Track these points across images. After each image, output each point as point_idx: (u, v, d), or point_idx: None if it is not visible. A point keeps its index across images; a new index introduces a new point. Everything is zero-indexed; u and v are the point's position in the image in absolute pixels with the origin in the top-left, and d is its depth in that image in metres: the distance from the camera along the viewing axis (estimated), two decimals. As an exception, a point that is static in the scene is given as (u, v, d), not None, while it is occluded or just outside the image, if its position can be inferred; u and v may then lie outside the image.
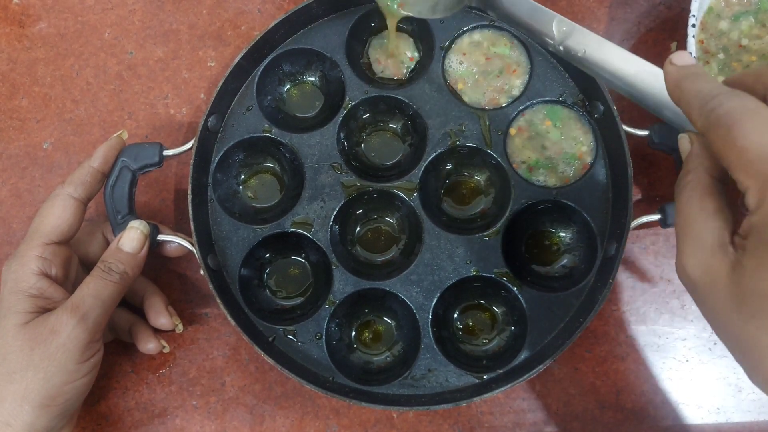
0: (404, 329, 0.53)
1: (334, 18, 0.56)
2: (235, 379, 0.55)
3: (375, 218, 0.56)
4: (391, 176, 0.54)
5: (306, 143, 0.54)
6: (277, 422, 0.54)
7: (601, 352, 0.54)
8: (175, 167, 0.59)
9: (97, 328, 0.45)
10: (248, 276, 0.54)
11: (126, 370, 0.55)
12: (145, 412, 0.54)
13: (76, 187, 0.48)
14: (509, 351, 0.52)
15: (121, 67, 0.61)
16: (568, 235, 0.54)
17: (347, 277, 0.52)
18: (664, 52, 0.59)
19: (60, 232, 0.47)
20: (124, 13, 0.62)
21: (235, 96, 0.55)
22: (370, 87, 0.55)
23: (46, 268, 0.46)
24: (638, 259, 0.56)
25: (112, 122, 0.60)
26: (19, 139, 0.60)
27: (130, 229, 0.49)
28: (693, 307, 0.55)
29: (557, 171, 0.54)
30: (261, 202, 0.56)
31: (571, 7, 0.60)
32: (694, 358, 0.54)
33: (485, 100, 0.55)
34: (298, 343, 0.52)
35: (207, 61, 0.61)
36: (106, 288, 0.46)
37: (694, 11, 0.50)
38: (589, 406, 0.54)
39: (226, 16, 0.61)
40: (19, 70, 0.61)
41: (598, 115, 0.53)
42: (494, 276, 0.52)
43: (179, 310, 0.55)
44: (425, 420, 0.53)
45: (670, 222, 0.50)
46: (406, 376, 0.51)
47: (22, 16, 0.62)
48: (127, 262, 0.48)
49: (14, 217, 0.58)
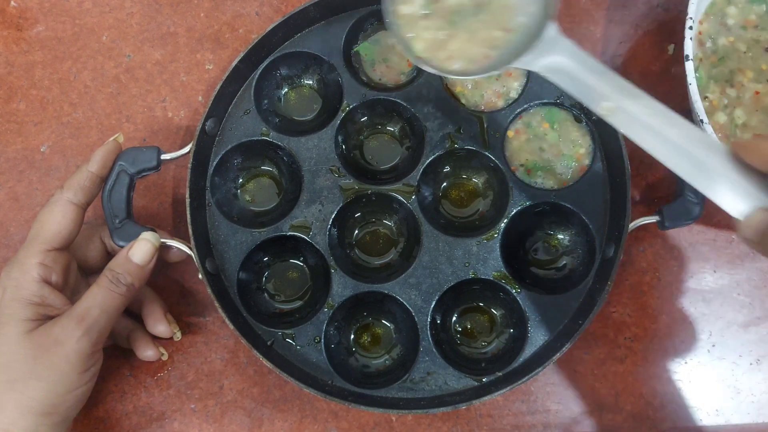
0: (403, 332, 0.53)
1: (332, 21, 0.56)
2: (234, 382, 0.55)
3: (373, 221, 0.56)
4: (389, 179, 0.54)
5: (304, 146, 0.54)
6: (275, 425, 0.54)
7: (600, 354, 0.54)
8: (173, 171, 0.59)
9: (100, 339, 0.45)
10: (247, 280, 0.53)
11: (124, 374, 0.55)
12: (143, 416, 0.54)
13: (75, 192, 0.48)
14: (508, 353, 0.52)
15: (118, 70, 0.61)
16: (566, 237, 0.54)
17: (346, 280, 0.52)
18: (662, 54, 0.59)
19: (60, 238, 0.47)
20: (122, 16, 0.62)
21: (233, 99, 0.55)
22: (367, 90, 0.55)
23: (47, 275, 0.46)
24: (637, 261, 0.56)
25: (109, 125, 0.60)
26: (16, 143, 0.60)
27: (141, 240, 0.48)
28: (691, 308, 0.55)
29: (555, 173, 0.54)
30: (259, 205, 0.56)
31: (568, 9, 0.60)
32: (693, 360, 0.54)
33: (483, 103, 0.55)
34: (296, 346, 0.52)
35: (205, 64, 0.61)
36: (113, 300, 0.46)
37: (691, 14, 0.50)
38: (588, 408, 0.54)
39: (223, 19, 0.61)
40: (17, 74, 0.61)
41: (595, 117, 0.53)
42: (493, 278, 0.52)
43: (177, 313, 0.55)
44: (424, 423, 0.53)
45: (668, 224, 0.50)
46: (405, 379, 0.50)
47: (19, 20, 0.62)
48: (135, 275, 0.47)
49: (12, 221, 0.58)
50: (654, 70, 0.59)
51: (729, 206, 0.36)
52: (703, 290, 0.55)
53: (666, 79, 0.58)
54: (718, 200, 0.36)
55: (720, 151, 0.36)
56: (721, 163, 0.36)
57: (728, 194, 0.36)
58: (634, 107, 0.38)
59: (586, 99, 0.40)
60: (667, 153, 0.38)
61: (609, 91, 0.39)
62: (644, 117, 0.38)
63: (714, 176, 0.36)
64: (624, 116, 0.39)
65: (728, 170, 0.36)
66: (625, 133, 0.39)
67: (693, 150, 0.37)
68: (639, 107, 0.38)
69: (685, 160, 0.37)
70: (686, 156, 0.37)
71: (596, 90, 0.40)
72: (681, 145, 0.37)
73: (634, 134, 0.38)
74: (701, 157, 0.37)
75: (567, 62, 0.41)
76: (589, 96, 0.40)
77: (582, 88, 0.40)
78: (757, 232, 0.35)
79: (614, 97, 0.39)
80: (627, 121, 0.39)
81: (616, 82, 0.39)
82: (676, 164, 0.37)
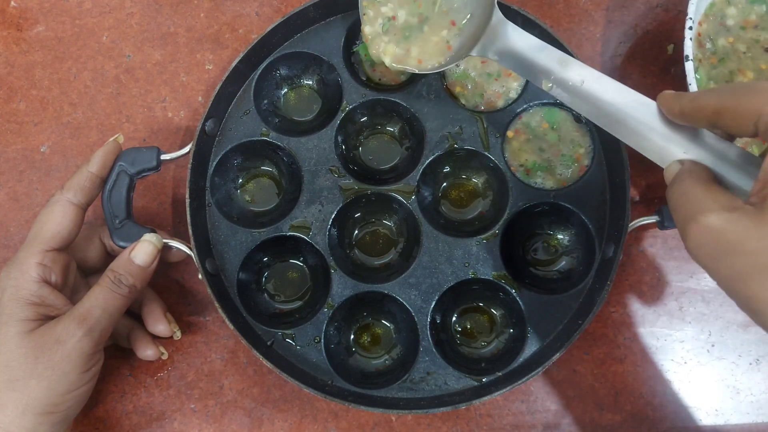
0: (403, 332, 0.53)
1: (332, 21, 0.56)
2: (234, 382, 0.55)
3: (373, 221, 0.56)
4: (389, 179, 0.54)
5: (304, 147, 0.54)
6: (275, 425, 0.54)
7: (599, 354, 0.54)
8: (173, 171, 0.59)
9: (101, 339, 0.45)
10: (246, 280, 0.54)
11: (124, 373, 0.55)
12: (143, 416, 0.54)
13: (75, 193, 0.48)
14: (508, 353, 0.52)
15: (118, 71, 0.61)
16: (566, 237, 0.54)
17: (346, 280, 0.52)
18: (661, 54, 0.59)
19: (60, 238, 0.47)
20: (122, 16, 0.62)
21: (233, 99, 0.55)
22: (367, 90, 0.55)
23: (47, 275, 0.46)
24: (636, 261, 0.56)
25: (109, 125, 0.60)
26: (16, 143, 0.60)
27: (144, 242, 0.48)
28: (691, 309, 0.55)
29: (555, 173, 0.54)
30: (259, 205, 0.56)
31: (568, 9, 0.60)
32: (693, 360, 0.54)
33: (483, 103, 0.55)
34: (296, 346, 0.52)
35: (205, 64, 0.61)
36: (115, 301, 0.46)
37: (691, 14, 0.50)
38: (588, 408, 0.54)
39: (223, 19, 0.61)
40: (17, 74, 0.61)
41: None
42: (492, 278, 0.52)
43: (177, 313, 0.55)
44: (424, 423, 0.53)
45: (667, 224, 0.50)
46: (405, 379, 0.51)
47: (19, 20, 0.62)
48: (137, 276, 0.47)
49: (12, 221, 0.58)
50: (654, 70, 0.59)
51: (657, 160, 0.38)
52: (703, 290, 0.55)
53: (666, 80, 0.58)
54: (649, 155, 0.38)
55: (650, 107, 0.38)
56: (651, 119, 0.38)
57: (656, 149, 0.38)
58: (571, 75, 0.41)
59: (532, 78, 0.43)
60: (605, 117, 0.40)
61: (548, 64, 0.42)
62: (581, 85, 0.41)
63: (645, 132, 0.38)
64: (563, 88, 0.41)
65: (657, 125, 0.38)
66: (568, 104, 0.42)
67: (627, 110, 0.39)
68: (576, 75, 0.41)
69: (621, 122, 0.39)
70: (621, 117, 0.39)
71: (539, 66, 0.43)
72: (617, 107, 0.39)
73: (575, 104, 0.41)
74: (634, 115, 0.38)
75: (512, 44, 0.44)
76: (534, 74, 0.43)
77: (528, 68, 0.43)
78: (667, 182, 0.37)
79: (554, 68, 0.42)
80: (566, 92, 0.41)
81: (553, 54, 0.42)
82: (613, 127, 0.40)
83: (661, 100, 0.37)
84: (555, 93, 0.42)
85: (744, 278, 0.31)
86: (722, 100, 0.34)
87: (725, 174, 0.35)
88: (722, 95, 0.34)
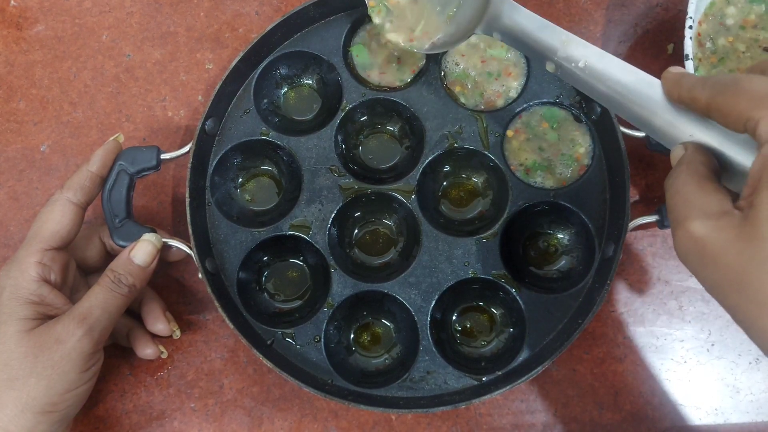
0: (403, 332, 0.53)
1: (332, 21, 0.56)
2: (234, 381, 0.55)
3: (373, 221, 0.56)
4: (388, 179, 0.54)
5: (304, 146, 0.54)
6: (275, 425, 0.54)
7: (599, 354, 0.54)
8: (173, 170, 0.59)
9: (101, 338, 0.45)
10: (246, 279, 0.54)
11: (124, 373, 0.55)
12: (143, 415, 0.54)
13: (75, 192, 0.48)
14: (508, 353, 0.52)
15: (118, 70, 0.61)
16: (565, 236, 0.54)
17: (345, 279, 0.52)
18: (661, 53, 0.59)
19: (59, 237, 0.47)
20: (122, 15, 0.62)
21: (233, 99, 0.55)
22: (367, 90, 0.55)
23: (46, 274, 0.46)
24: (636, 261, 0.56)
25: (109, 125, 0.60)
26: (16, 142, 0.60)
27: (144, 241, 0.48)
28: (691, 308, 0.55)
29: (555, 172, 0.54)
30: (259, 205, 0.56)
31: (568, 8, 0.60)
32: (692, 359, 0.54)
33: (483, 102, 0.55)
34: (296, 345, 0.52)
35: (204, 63, 0.61)
36: (115, 300, 0.46)
37: (691, 13, 0.50)
38: (588, 407, 0.54)
39: (223, 18, 0.61)
40: (17, 73, 0.61)
41: (595, 116, 0.53)
42: (492, 278, 0.52)
43: (177, 313, 0.55)
44: (424, 422, 0.53)
45: (667, 223, 0.50)
46: (405, 378, 0.51)
47: (19, 19, 0.62)
48: (136, 276, 0.47)
49: (11, 220, 0.58)
50: (654, 69, 0.58)
51: (663, 141, 0.38)
52: (703, 290, 0.55)
53: (665, 79, 0.58)
54: (655, 136, 0.38)
55: (656, 87, 0.37)
56: (656, 99, 0.37)
57: (661, 130, 0.37)
58: (575, 54, 0.40)
59: (536, 57, 0.43)
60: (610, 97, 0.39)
61: (552, 42, 0.41)
62: (584, 63, 0.40)
63: (650, 113, 0.37)
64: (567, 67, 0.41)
65: (663, 105, 0.37)
66: (572, 83, 0.41)
67: (632, 89, 0.38)
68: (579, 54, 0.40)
69: (626, 102, 0.38)
70: (627, 96, 0.38)
71: (542, 44, 0.42)
72: (622, 85, 0.38)
73: (578, 83, 0.41)
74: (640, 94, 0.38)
75: (516, 22, 0.44)
76: (538, 53, 0.42)
77: (532, 46, 0.43)
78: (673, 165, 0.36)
79: (558, 47, 0.41)
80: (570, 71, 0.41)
81: (557, 33, 0.42)
82: (619, 107, 0.39)
83: (664, 81, 0.37)
84: (559, 74, 0.42)
85: (724, 291, 0.31)
86: (713, 97, 0.33)
87: (733, 156, 0.34)
88: (714, 91, 0.33)
